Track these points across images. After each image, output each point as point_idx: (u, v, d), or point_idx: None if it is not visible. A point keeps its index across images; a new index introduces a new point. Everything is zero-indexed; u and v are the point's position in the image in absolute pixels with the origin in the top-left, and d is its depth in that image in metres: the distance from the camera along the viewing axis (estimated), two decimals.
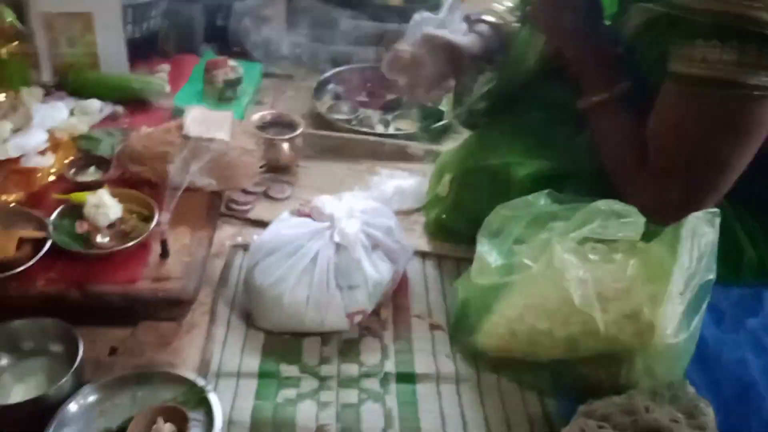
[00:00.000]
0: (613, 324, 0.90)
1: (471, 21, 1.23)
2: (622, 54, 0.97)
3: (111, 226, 1.03)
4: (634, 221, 0.91)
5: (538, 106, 1.15)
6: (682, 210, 0.90)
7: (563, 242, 0.89)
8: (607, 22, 1.04)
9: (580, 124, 1.06)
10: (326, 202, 1.09)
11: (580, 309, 0.88)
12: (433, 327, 1.08)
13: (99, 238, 1.01)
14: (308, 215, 1.09)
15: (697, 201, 0.90)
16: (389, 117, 1.56)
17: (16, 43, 1.29)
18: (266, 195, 1.31)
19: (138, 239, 1.01)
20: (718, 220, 0.93)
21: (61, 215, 1.04)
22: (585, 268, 0.89)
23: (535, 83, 1.15)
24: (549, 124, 1.12)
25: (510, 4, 1.23)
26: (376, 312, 1.08)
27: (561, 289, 0.88)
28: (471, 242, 1.07)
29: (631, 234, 0.91)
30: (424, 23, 1.59)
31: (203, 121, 1.17)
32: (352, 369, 0.99)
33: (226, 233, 1.22)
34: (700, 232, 0.94)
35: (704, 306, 0.94)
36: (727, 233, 0.98)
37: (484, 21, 1.22)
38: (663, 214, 0.91)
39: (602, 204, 0.93)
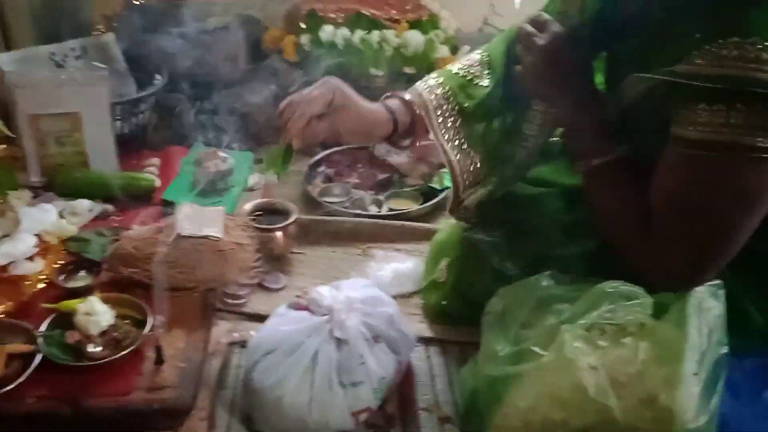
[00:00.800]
0: (630, 411, 0.87)
1: (385, 97, 1.21)
2: (617, 120, 0.96)
3: (103, 333, 0.99)
4: (642, 302, 0.89)
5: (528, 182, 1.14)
6: (690, 276, 0.88)
7: (573, 330, 0.87)
8: None
9: (571, 203, 1.05)
10: (324, 294, 1.06)
11: (594, 398, 0.85)
12: (442, 420, 1.04)
13: (91, 348, 0.97)
14: (306, 308, 1.07)
15: (705, 266, 0.88)
16: (382, 197, 1.55)
17: (3, 146, 1.28)
18: (261, 286, 1.28)
19: (131, 347, 0.97)
20: (722, 292, 0.92)
21: (51, 326, 1.01)
22: (596, 355, 0.86)
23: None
24: (543, 201, 1.11)
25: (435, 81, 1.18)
26: (381, 408, 1.04)
27: (573, 378, 0.85)
28: (474, 325, 1.05)
29: (641, 317, 0.89)
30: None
31: (195, 217, 1.15)
32: None
33: (222, 329, 1.18)
34: (706, 306, 0.92)
35: (721, 383, 0.91)
36: (733, 302, 0.95)
37: (396, 96, 1.18)
38: (670, 281, 0.89)
39: (608, 286, 0.90)
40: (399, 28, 1.77)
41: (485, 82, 1.14)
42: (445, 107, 1.14)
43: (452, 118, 1.14)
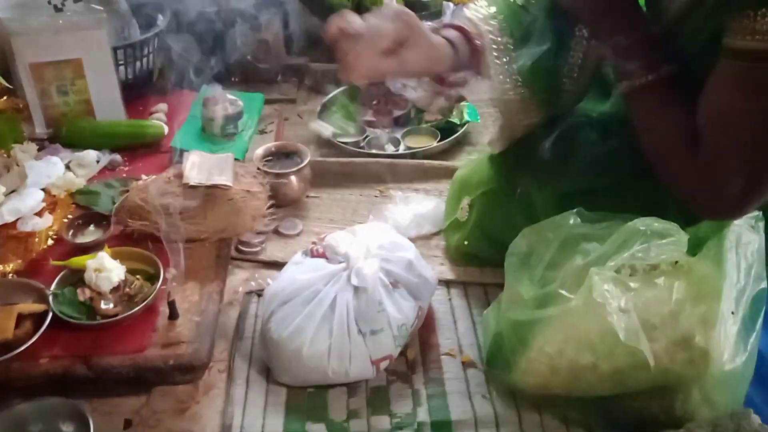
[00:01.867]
0: (663, 354, 0.83)
1: (439, 26, 1.04)
2: (662, 37, 0.87)
3: (115, 289, 0.97)
4: (677, 240, 0.84)
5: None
6: (741, 202, 0.81)
7: (602, 273, 0.81)
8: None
9: (606, 132, 0.98)
10: (340, 240, 1.02)
11: (625, 342, 0.80)
12: (466, 364, 1.01)
13: (103, 305, 0.95)
14: (323, 255, 1.03)
15: (755, 192, 0.80)
16: (399, 135, 1.49)
17: (4, 98, 1.23)
18: (277, 232, 1.25)
19: (143, 303, 0.95)
20: (762, 224, 0.87)
21: (61, 283, 0.98)
22: (626, 297, 0.81)
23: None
24: (568, 136, 1.03)
25: (488, 11, 1.03)
26: (403, 354, 1.01)
27: (603, 322, 0.81)
28: (497, 266, 1.01)
29: (675, 255, 0.83)
30: None
31: (203, 166, 1.10)
32: (383, 421, 0.92)
33: (239, 278, 1.16)
34: (745, 240, 0.87)
35: (760, 321, 0.87)
36: None
37: (454, 26, 1.03)
38: (718, 207, 0.83)
39: (640, 223, 0.85)
40: None
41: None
42: (499, 40, 1.03)
43: (506, 51, 1.03)
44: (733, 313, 0.84)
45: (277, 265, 1.14)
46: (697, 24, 0.81)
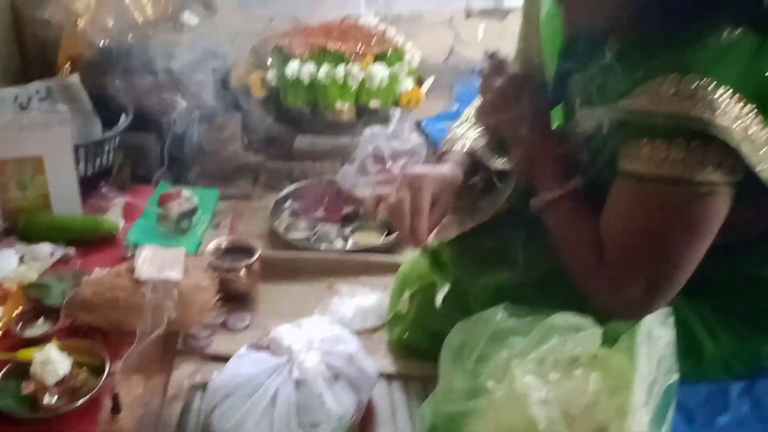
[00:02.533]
0: None
1: (442, 153, 1.17)
2: (571, 154, 0.99)
3: (60, 382, 0.99)
4: (592, 333, 0.91)
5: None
6: (642, 305, 0.90)
7: (523, 364, 0.88)
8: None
9: (533, 232, 1.07)
10: (285, 334, 1.07)
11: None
12: None
13: (46, 398, 0.97)
14: (267, 348, 1.07)
15: (656, 295, 0.90)
16: (348, 231, 1.56)
17: None
18: (225, 326, 1.28)
19: (87, 396, 0.97)
20: (671, 320, 0.93)
21: (5, 376, 1.00)
22: (547, 389, 0.87)
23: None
24: (503, 236, 1.13)
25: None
26: None
27: (525, 413, 0.86)
28: (436, 359, 1.05)
29: (590, 348, 0.90)
30: (375, 137, 1.64)
31: (155, 260, 1.15)
32: None
33: (185, 372, 1.18)
34: (656, 334, 0.93)
35: (671, 411, 0.92)
36: (685, 329, 0.98)
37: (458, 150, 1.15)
38: (623, 310, 0.91)
39: (558, 318, 0.92)
40: (364, 62, 1.79)
41: None
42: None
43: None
44: (646, 403, 0.90)
45: (224, 359, 1.16)
46: (598, 146, 0.92)
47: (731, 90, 0.78)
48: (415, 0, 2.10)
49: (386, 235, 1.53)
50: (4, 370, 1.01)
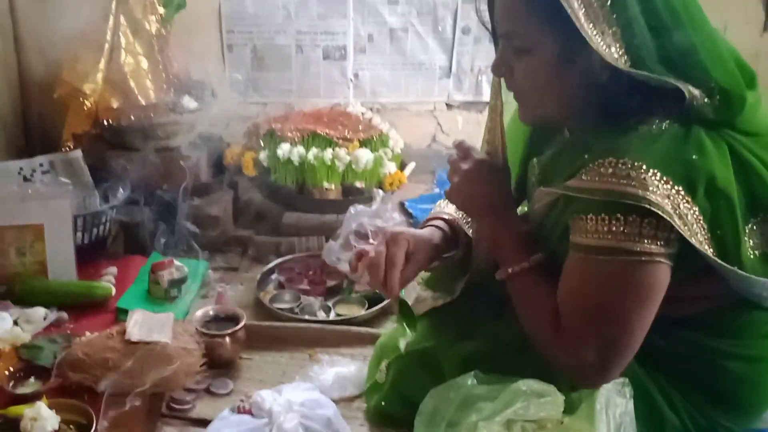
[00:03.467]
0: None
1: (424, 223, 1.28)
2: (531, 231, 1.08)
3: None
4: (554, 399, 0.97)
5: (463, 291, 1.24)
6: (598, 370, 0.97)
7: (489, 426, 0.93)
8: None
9: (501, 305, 1.15)
10: (265, 397, 1.12)
11: None
12: None
13: None
14: (248, 411, 1.11)
15: (609, 360, 0.97)
16: (330, 303, 1.63)
17: None
18: (208, 391, 1.32)
19: None
20: (628, 390, 0.98)
21: None
22: None
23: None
24: (473, 308, 1.21)
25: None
26: None
27: None
28: (412, 428, 1.10)
29: (552, 413, 0.96)
30: (359, 215, 1.73)
31: (145, 323, 1.21)
32: None
33: None
34: (613, 403, 0.97)
35: None
36: (647, 401, 1.04)
37: (438, 218, 1.26)
38: (582, 375, 0.98)
39: (523, 384, 0.98)
40: (351, 146, 1.92)
41: None
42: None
43: None
44: None
45: (206, 423, 1.20)
46: (552, 221, 1.03)
47: (659, 172, 0.89)
48: (400, 92, 2.26)
49: (367, 308, 1.59)
50: None
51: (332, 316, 1.59)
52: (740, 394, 1.07)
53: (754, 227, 0.97)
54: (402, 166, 2.04)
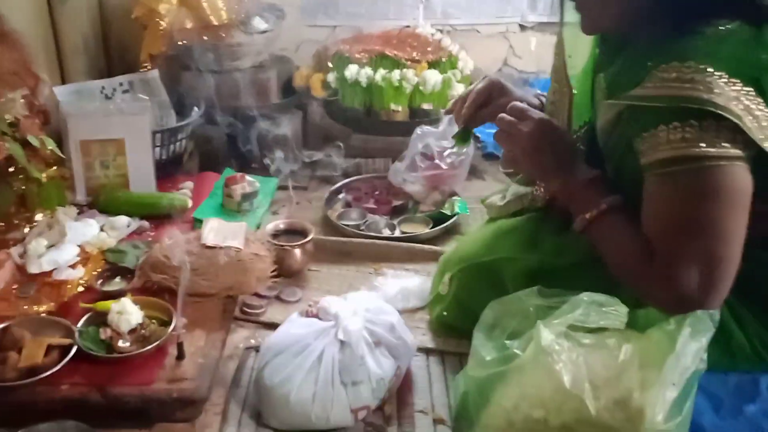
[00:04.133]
0: (604, 410, 0.93)
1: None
2: (601, 173, 1.04)
3: (132, 331, 1.11)
4: (616, 311, 0.97)
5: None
6: (701, 296, 0.91)
7: (550, 326, 0.94)
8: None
9: (565, 221, 1.14)
10: (332, 302, 1.16)
11: (572, 395, 0.91)
12: (437, 421, 1.12)
13: (120, 343, 1.09)
14: (316, 315, 1.16)
15: (713, 277, 0.91)
16: (395, 222, 1.66)
17: (55, 168, 1.43)
18: (278, 298, 1.39)
19: (155, 343, 1.09)
20: (717, 317, 0.93)
21: (87, 323, 1.13)
22: (577, 352, 0.93)
23: None
24: (537, 222, 1.20)
25: None
26: (380, 408, 1.12)
27: (552, 375, 0.92)
28: (471, 338, 1.13)
29: (614, 323, 0.96)
30: (425, 136, 1.73)
31: (219, 231, 1.27)
32: None
33: (240, 336, 1.29)
34: (701, 328, 0.92)
35: (694, 391, 0.96)
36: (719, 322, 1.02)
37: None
38: (688, 301, 0.92)
39: (585, 296, 0.98)
40: (419, 68, 1.90)
41: None
42: None
43: None
44: (674, 384, 0.94)
45: (276, 327, 1.26)
46: (616, 138, 0.99)
47: (726, 74, 0.85)
48: (471, 13, 2.20)
49: (432, 227, 1.61)
50: (85, 318, 1.14)
51: (397, 233, 1.62)
52: None
53: None
54: None
